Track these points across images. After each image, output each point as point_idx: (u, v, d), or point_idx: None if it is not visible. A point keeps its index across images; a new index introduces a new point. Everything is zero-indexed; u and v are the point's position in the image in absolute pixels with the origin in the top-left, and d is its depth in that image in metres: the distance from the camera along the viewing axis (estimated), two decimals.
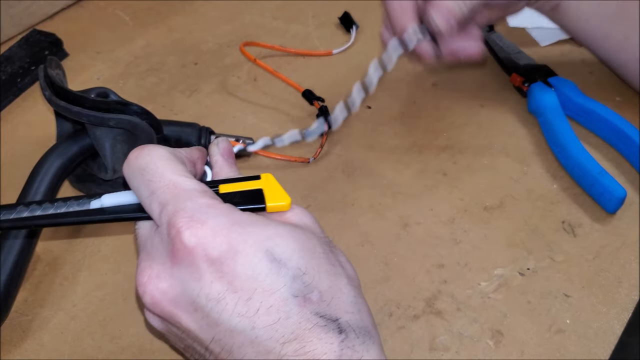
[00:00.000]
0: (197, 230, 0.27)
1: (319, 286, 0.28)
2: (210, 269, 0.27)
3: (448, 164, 0.49)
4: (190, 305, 0.28)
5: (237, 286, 0.27)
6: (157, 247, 0.29)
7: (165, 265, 0.28)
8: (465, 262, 0.42)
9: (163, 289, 0.28)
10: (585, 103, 0.50)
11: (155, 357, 0.38)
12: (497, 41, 0.57)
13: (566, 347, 0.38)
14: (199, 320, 0.28)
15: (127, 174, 0.30)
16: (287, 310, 0.27)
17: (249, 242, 0.28)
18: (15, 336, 0.39)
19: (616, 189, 0.44)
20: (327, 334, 0.27)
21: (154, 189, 0.29)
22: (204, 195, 0.29)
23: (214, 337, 0.28)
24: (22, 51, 0.57)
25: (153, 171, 0.30)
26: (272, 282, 0.27)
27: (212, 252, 0.27)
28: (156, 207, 0.29)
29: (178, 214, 0.28)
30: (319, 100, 0.53)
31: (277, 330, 0.27)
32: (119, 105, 0.41)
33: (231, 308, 0.27)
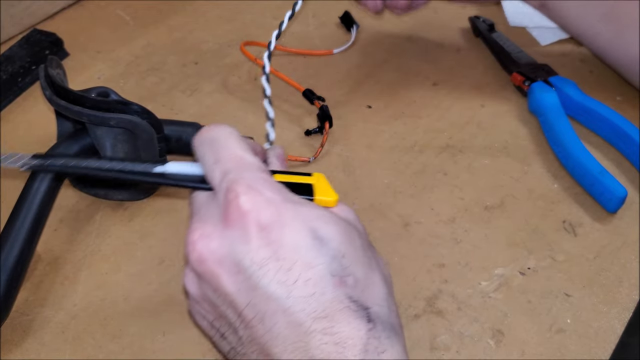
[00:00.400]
0: (253, 196, 0.29)
1: (354, 272, 0.29)
2: (259, 235, 0.29)
3: (449, 163, 0.48)
4: (235, 266, 0.29)
5: (280, 255, 0.29)
6: (212, 211, 0.31)
7: (217, 227, 0.30)
8: (465, 261, 0.42)
9: (212, 248, 0.30)
10: (586, 102, 0.50)
11: (156, 356, 0.38)
12: (498, 40, 0.57)
13: (567, 346, 0.38)
14: (240, 283, 0.29)
15: (197, 143, 0.33)
16: (322, 286, 0.28)
17: (297, 218, 0.29)
18: (16, 335, 0.39)
19: (617, 188, 0.44)
20: (357, 319, 0.28)
21: (220, 157, 0.31)
22: (263, 171, 0.31)
23: (250, 302, 0.29)
24: (23, 51, 0.57)
25: (222, 142, 0.32)
26: (313, 257, 0.29)
27: (264, 219, 0.29)
28: (218, 174, 0.31)
29: (238, 181, 0.30)
30: (320, 100, 0.53)
31: (311, 304, 0.28)
32: (120, 104, 0.41)
33: (272, 274, 0.28)
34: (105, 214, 0.45)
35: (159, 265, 0.42)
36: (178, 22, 0.63)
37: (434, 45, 0.59)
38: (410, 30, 0.61)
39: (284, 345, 0.28)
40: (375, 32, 0.61)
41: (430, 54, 0.58)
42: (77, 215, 0.45)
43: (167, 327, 0.39)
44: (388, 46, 0.59)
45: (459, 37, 0.60)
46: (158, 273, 0.42)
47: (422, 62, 0.58)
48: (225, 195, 0.30)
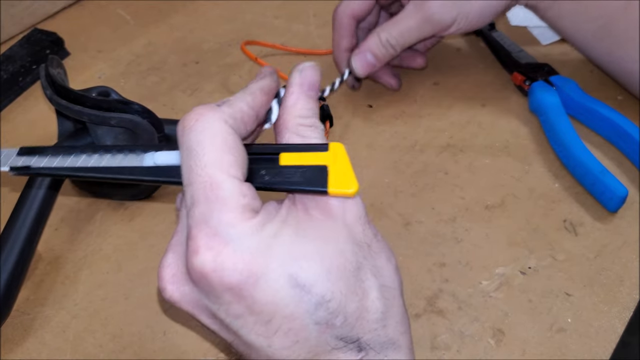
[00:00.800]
0: (216, 254, 0.26)
1: (344, 310, 0.27)
2: (228, 293, 0.26)
3: (449, 162, 0.48)
4: (209, 312, 0.28)
5: (256, 309, 0.26)
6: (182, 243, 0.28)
7: (186, 275, 0.28)
8: (466, 261, 0.42)
9: (183, 291, 0.28)
10: (587, 102, 0.50)
11: (157, 356, 0.38)
12: (499, 40, 0.57)
13: (567, 346, 0.38)
14: (219, 325, 0.28)
15: (179, 139, 0.28)
16: (306, 335, 0.27)
17: (272, 267, 0.26)
18: (17, 335, 0.39)
19: (618, 187, 0.43)
20: (346, 353, 0.27)
21: (192, 180, 0.27)
22: (236, 206, 0.26)
23: (234, 342, 0.28)
24: (24, 50, 0.57)
25: (199, 156, 0.27)
26: (294, 308, 0.26)
27: (231, 279, 0.26)
28: (188, 199, 0.27)
29: (201, 227, 0.26)
30: (321, 99, 0.53)
31: (294, 351, 0.27)
32: (120, 104, 0.41)
33: (250, 326, 0.27)
34: (106, 214, 0.45)
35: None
36: (179, 21, 0.63)
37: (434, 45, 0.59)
38: None
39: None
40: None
41: (430, 53, 0.58)
42: (78, 215, 0.45)
43: (168, 327, 0.39)
44: None
45: (459, 36, 0.60)
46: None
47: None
48: (188, 238, 0.27)
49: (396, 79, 0.54)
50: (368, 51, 0.50)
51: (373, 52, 0.50)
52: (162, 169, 0.29)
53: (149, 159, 0.29)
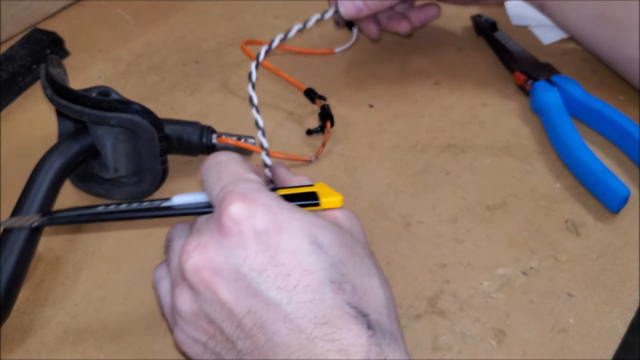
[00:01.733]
0: (248, 204, 0.29)
1: (352, 280, 0.29)
2: (256, 240, 0.29)
3: (450, 162, 0.48)
4: (233, 274, 0.29)
5: (279, 260, 0.29)
6: (209, 224, 0.31)
7: (214, 236, 0.30)
8: (467, 261, 0.42)
9: (208, 257, 0.29)
10: (589, 102, 0.50)
11: (157, 356, 0.37)
12: (500, 40, 0.57)
13: (569, 346, 0.37)
14: (238, 290, 0.29)
15: (204, 168, 0.33)
16: (322, 292, 0.28)
17: (295, 223, 0.29)
18: (17, 335, 0.39)
19: (619, 188, 0.43)
20: (357, 326, 0.28)
21: (221, 176, 0.32)
22: (259, 183, 0.32)
23: (250, 309, 0.29)
24: (24, 50, 0.57)
25: (225, 164, 0.33)
26: (312, 262, 0.29)
27: (260, 224, 0.29)
28: (217, 189, 0.31)
29: (233, 191, 0.30)
30: (321, 99, 0.53)
31: (311, 309, 0.28)
32: (120, 104, 0.41)
33: (271, 280, 0.28)
34: None
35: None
36: (179, 21, 0.63)
37: (436, 44, 0.59)
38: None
39: (286, 353, 0.28)
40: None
41: (432, 53, 0.58)
42: None
43: (168, 327, 0.39)
44: (389, 45, 0.59)
45: (461, 36, 0.60)
46: None
47: (424, 61, 0.57)
48: (220, 204, 0.30)
49: (377, 27, 0.54)
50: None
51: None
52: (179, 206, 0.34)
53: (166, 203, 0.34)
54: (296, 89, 0.54)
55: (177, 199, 0.34)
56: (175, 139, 0.46)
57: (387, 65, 0.57)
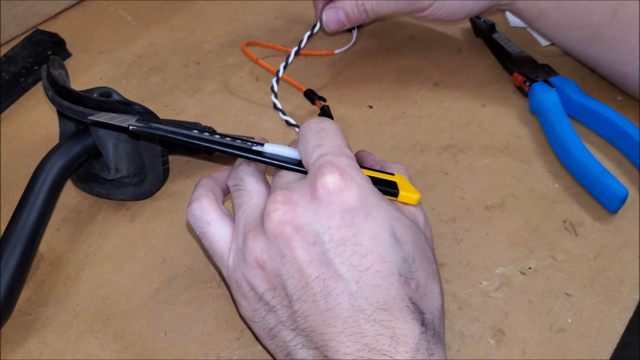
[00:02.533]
0: (345, 178, 0.30)
1: (418, 278, 0.31)
2: (343, 215, 0.30)
3: (449, 163, 0.49)
4: (313, 237, 0.30)
5: (359, 240, 0.30)
6: (302, 185, 0.31)
7: (305, 197, 0.30)
8: (466, 261, 0.42)
9: (295, 214, 0.30)
10: (587, 102, 0.50)
11: (158, 356, 0.38)
12: (499, 41, 0.57)
13: (567, 346, 0.38)
14: (314, 255, 0.30)
15: (304, 128, 0.34)
16: (390, 281, 0.29)
17: (381, 211, 0.31)
18: (19, 335, 0.39)
19: (618, 188, 0.44)
20: (412, 320, 0.29)
21: (323, 142, 0.32)
22: (356, 163, 0.32)
23: (320, 275, 0.29)
24: (25, 51, 0.57)
25: (330, 132, 0.33)
26: (388, 252, 0.30)
27: (351, 201, 0.30)
28: (316, 154, 0.32)
29: (333, 162, 0.31)
30: (321, 100, 0.53)
31: (376, 294, 0.29)
32: (122, 104, 0.42)
33: (347, 256, 0.29)
34: (108, 214, 0.46)
35: (160, 265, 0.42)
36: (180, 21, 0.63)
37: (435, 46, 0.59)
38: (411, 31, 0.61)
39: (342, 327, 0.29)
40: (376, 32, 0.61)
41: (431, 54, 0.58)
42: (80, 215, 0.45)
43: (169, 327, 0.39)
44: (389, 46, 0.60)
45: (459, 37, 0.60)
46: (160, 272, 0.42)
47: (423, 62, 0.58)
48: (317, 170, 0.31)
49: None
50: (341, 9, 0.50)
51: (346, 11, 0.50)
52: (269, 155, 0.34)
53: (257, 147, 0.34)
54: (296, 90, 0.55)
55: (269, 147, 0.34)
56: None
57: (386, 67, 0.57)
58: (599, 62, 0.51)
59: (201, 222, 0.34)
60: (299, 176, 0.33)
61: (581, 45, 0.51)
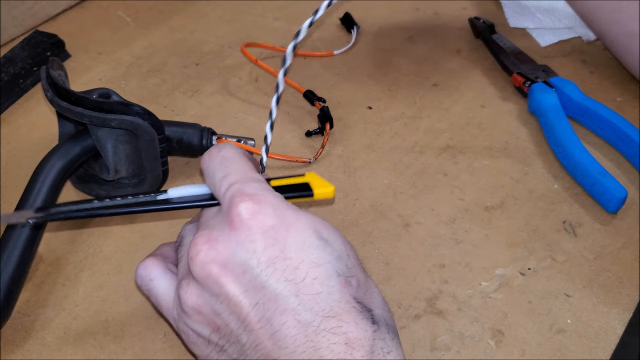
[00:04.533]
0: (257, 202, 0.30)
1: (357, 275, 0.30)
2: (264, 236, 0.30)
3: (449, 164, 0.49)
4: (240, 267, 0.29)
5: (287, 254, 0.29)
6: (217, 220, 0.31)
7: (223, 231, 0.30)
8: (466, 262, 0.42)
9: (217, 250, 0.30)
10: (586, 103, 0.50)
11: (157, 357, 0.38)
12: (498, 42, 0.57)
13: (567, 346, 0.38)
14: (246, 284, 0.29)
15: (207, 161, 0.34)
16: (329, 285, 0.29)
17: (302, 220, 0.30)
18: (18, 336, 0.39)
19: (617, 189, 0.44)
20: (363, 320, 0.29)
21: (228, 172, 0.32)
22: (265, 183, 0.32)
23: (258, 302, 0.29)
24: (24, 52, 0.57)
25: (233, 161, 0.33)
26: (319, 255, 0.30)
27: (268, 221, 0.30)
28: (225, 186, 0.32)
29: (242, 189, 0.31)
30: (320, 101, 0.53)
31: (319, 303, 0.29)
32: (121, 106, 0.42)
33: (280, 273, 0.29)
34: None
35: None
36: (179, 23, 0.63)
37: (434, 47, 0.59)
38: (411, 32, 0.61)
39: (292, 346, 0.28)
40: (376, 33, 0.61)
41: (430, 55, 0.58)
42: None
43: (168, 328, 0.39)
44: (388, 47, 0.60)
45: (459, 38, 0.60)
46: None
47: (423, 63, 0.58)
48: (229, 201, 0.31)
49: None
50: None
51: None
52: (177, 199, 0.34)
53: (162, 196, 0.34)
54: (295, 91, 0.55)
55: (173, 191, 0.34)
56: (176, 141, 0.46)
57: (385, 67, 0.57)
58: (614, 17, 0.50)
59: (145, 280, 0.35)
60: (216, 210, 0.33)
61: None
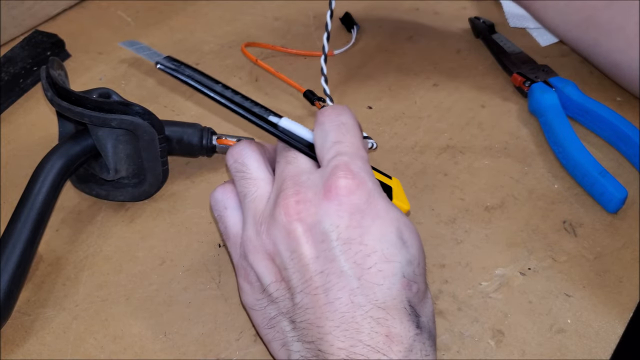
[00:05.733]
0: (358, 181, 0.31)
1: (419, 283, 0.31)
2: (352, 216, 0.31)
3: (449, 164, 0.49)
4: (321, 235, 0.31)
5: (365, 240, 0.30)
6: (314, 181, 0.32)
7: (318, 196, 0.31)
8: (466, 262, 0.42)
9: (307, 211, 0.31)
10: (586, 103, 0.50)
11: (158, 357, 0.38)
12: (498, 42, 0.57)
13: (567, 346, 0.38)
14: (320, 251, 0.31)
15: (324, 118, 0.34)
16: (391, 281, 0.30)
17: (389, 215, 0.31)
18: (18, 336, 0.39)
19: (617, 189, 0.44)
20: (409, 321, 0.30)
21: (343, 140, 0.33)
22: (369, 166, 0.33)
23: (323, 271, 0.30)
24: (25, 52, 0.57)
25: (350, 128, 0.34)
26: (393, 253, 0.31)
27: (361, 204, 0.31)
28: (333, 152, 0.33)
29: (349, 164, 0.32)
30: (320, 100, 0.53)
31: (376, 292, 0.30)
32: (121, 105, 0.42)
33: (352, 254, 0.30)
34: (107, 215, 0.45)
35: (160, 266, 0.42)
36: (179, 22, 0.63)
37: (434, 46, 0.59)
38: (411, 31, 0.61)
39: (339, 321, 0.30)
40: (376, 33, 0.61)
41: (430, 55, 0.58)
42: (79, 216, 0.45)
43: (169, 328, 0.39)
44: (388, 47, 0.60)
45: (459, 38, 0.60)
46: (159, 273, 0.42)
47: (423, 63, 0.58)
48: (333, 171, 0.32)
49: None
50: None
51: None
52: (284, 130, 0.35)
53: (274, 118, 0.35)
54: (295, 91, 0.55)
55: (286, 122, 0.34)
56: (176, 141, 0.46)
57: (385, 67, 0.57)
58: (594, 50, 0.51)
59: (220, 205, 0.36)
60: (309, 165, 0.34)
61: (577, 30, 0.51)
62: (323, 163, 0.33)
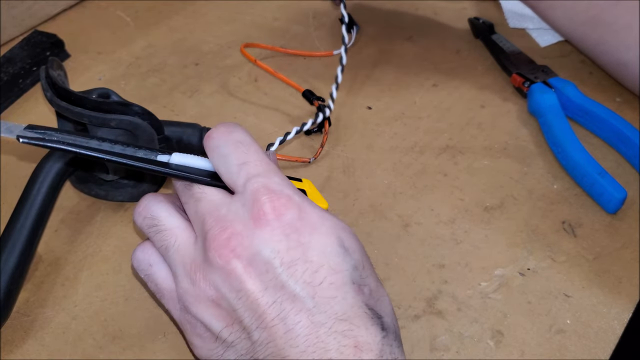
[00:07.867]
0: (285, 200, 0.30)
1: (370, 284, 0.31)
2: (289, 237, 0.30)
3: (449, 164, 0.49)
4: (264, 265, 0.30)
5: (308, 257, 0.30)
6: (236, 212, 0.31)
7: (248, 226, 0.30)
8: (465, 262, 0.42)
9: (244, 246, 0.30)
10: (585, 104, 0.50)
11: (157, 357, 0.38)
12: (498, 42, 0.57)
13: (566, 347, 0.38)
14: (267, 282, 0.30)
15: (216, 141, 0.32)
16: (344, 291, 0.30)
17: (326, 225, 0.31)
18: (17, 336, 0.39)
19: (616, 189, 0.44)
20: (373, 326, 0.30)
21: (248, 160, 0.31)
22: (286, 179, 0.32)
23: (276, 300, 0.29)
24: (24, 52, 0.57)
25: (250, 147, 0.32)
26: (339, 263, 0.30)
27: (295, 222, 0.30)
28: (244, 176, 0.31)
29: (268, 184, 0.30)
30: (320, 100, 0.53)
31: (333, 306, 0.29)
32: (121, 106, 0.42)
33: (300, 275, 0.29)
34: (106, 215, 0.45)
35: None
36: (178, 23, 0.63)
37: (434, 47, 0.60)
38: (411, 31, 0.61)
39: (304, 345, 0.29)
40: (375, 33, 0.61)
41: (430, 55, 0.58)
42: (78, 216, 0.45)
43: (168, 328, 0.39)
44: (388, 47, 0.60)
45: (458, 38, 0.60)
46: None
47: (422, 63, 0.58)
48: (254, 196, 0.30)
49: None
50: None
51: None
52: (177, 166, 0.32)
53: (163, 157, 0.32)
54: (295, 91, 0.55)
55: (178, 157, 0.32)
56: (175, 141, 0.46)
57: (385, 67, 0.57)
58: (600, 48, 0.51)
59: (144, 264, 0.34)
60: (221, 195, 0.32)
61: (583, 28, 0.51)
62: (237, 189, 0.31)
